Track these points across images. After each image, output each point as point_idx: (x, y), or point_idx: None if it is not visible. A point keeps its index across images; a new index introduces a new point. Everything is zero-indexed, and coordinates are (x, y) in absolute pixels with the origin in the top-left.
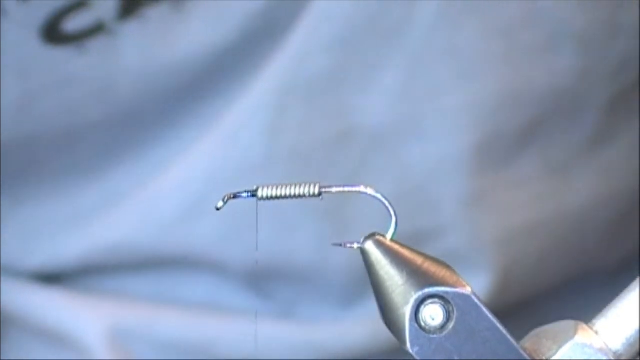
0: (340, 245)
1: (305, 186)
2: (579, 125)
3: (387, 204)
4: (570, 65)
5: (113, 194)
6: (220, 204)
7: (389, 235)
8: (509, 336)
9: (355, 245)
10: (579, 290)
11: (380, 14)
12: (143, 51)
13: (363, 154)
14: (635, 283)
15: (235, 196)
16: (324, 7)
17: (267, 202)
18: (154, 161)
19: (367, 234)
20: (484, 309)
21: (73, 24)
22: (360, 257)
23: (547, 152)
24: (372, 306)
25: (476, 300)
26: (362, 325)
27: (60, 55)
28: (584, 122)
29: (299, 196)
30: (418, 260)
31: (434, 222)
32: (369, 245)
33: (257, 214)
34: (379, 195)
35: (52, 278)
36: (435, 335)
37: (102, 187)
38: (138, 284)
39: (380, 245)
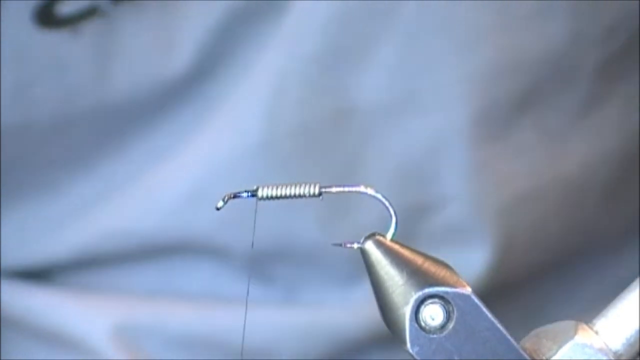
0: (340, 245)
1: (305, 186)
2: (572, 91)
3: (387, 204)
4: (563, 30)
5: (112, 182)
6: (220, 203)
7: (389, 235)
8: (509, 336)
9: (355, 245)
10: (581, 262)
11: None
12: (138, 35)
13: (363, 131)
14: (635, 283)
15: (235, 196)
16: None
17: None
18: (153, 148)
19: (367, 233)
20: (484, 309)
21: (67, 7)
22: (361, 239)
23: (542, 119)
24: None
25: (476, 300)
26: (366, 306)
27: (54, 39)
28: (577, 87)
29: (299, 196)
30: (418, 260)
31: (436, 195)
32: (369, 245)
33: (255, 213)
34: (379, 195)
35: (50, 271)
36: (435, 335)
37: (100, 175)
38: (139, 275)
39: (380, 245)
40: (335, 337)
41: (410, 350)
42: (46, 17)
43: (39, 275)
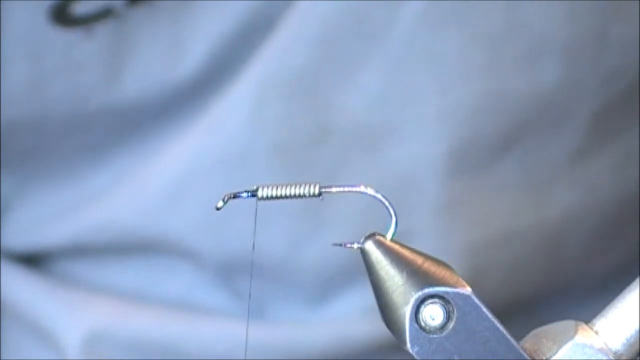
0: (341, 245)
1: (305, 186)
2: (562, 138)
3: (387, 203)
4: (554, 76)
5: (110, 179)
6: (220, 203)
7: (389, 235)
8: (509, 336)
9: (356, 246)
10: (556, 302)
11: (363, 15)
12: (151, 38)
13: (340, 152)
14: (635, 283)
15: (235, 196)
16: (309, 6)
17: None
18: (148, 147)
19: (367, 233)
20: (484, 309)
21: (82, 7)
22: (331, 257)
23: (526, 162)
24: (341, 307)
25: (476, 300)
26: (331, 327)
27: (69, 38)
28: (568, 134)
29: (299, 196)
30: (418, 260)
31: (407, 226)
32: (369, 245)
33: (256, 213)
34: (379, 195)
35: (39, 259)
36: (435, 335)
37: (101, 171)
38: (120, 271)
39: (380, 245)
40: (299, 355)
41: (411, 350)
42: (61, 16)
43: (31, 261)
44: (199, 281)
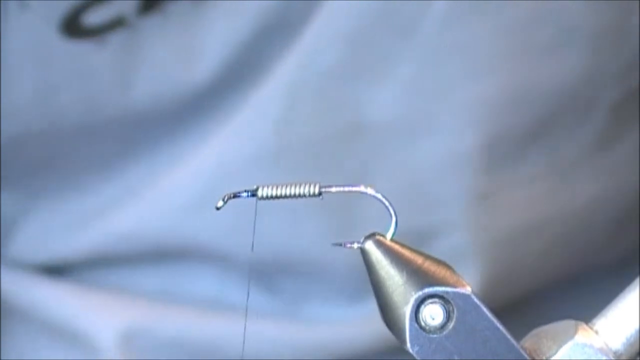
0: (341, 245)
1: (305, 186)
2: (587, 126)
3: (387, 203)
4: (579, 64)
5: (129, 187)
6: (220, 203)
7: (388, 235)
8: (509, 336)
9: (355, 245)
10: (578, 287)
11: (393, 10)
12: (162, 46)
13: (373, 148)
14: (635, 283)
15: (235, 196)
16: (338, 4)
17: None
18: (170, 154)
19: (368, 233)
20: (484, 309)
21: (93, 18)
22: None
23: (553, 151)
24: (376, 305)
25: (476, 300)
26: (366, 325)
27: (80, 49)
28: (592, 122)
29: (299, 196)
30: (418, 260)
31: (440, 219)
32: (369, 245)
33: (256, 213)
34: (379, 195)
35: (63, 270)
36: (435, 335)
37: (119, 179)
38: (146, 278)
39: (380, 245)
40: (334, 355)
41: (410, 350)
42: (72, 27)
43: (52, 272)
44: (231, 282)
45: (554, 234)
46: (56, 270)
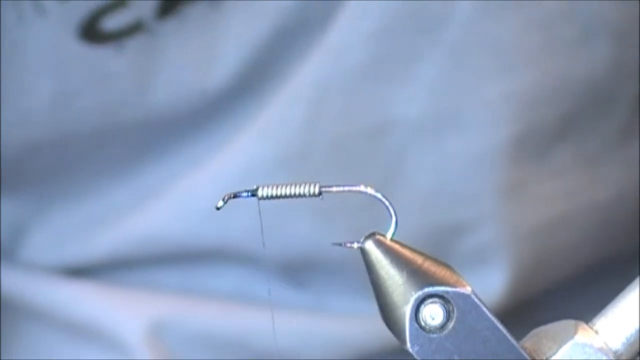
0: (341, 244)
1: (305, 186)
2: (610, 118)
3: (387, 203)
4: (605, 58)
5: (147, 190)
6: (220, 203)
7: (389, 235)
8: (509, 336)
9: (355, 245)
10: (605, 278)
11: (419, 8)
12: (181, 50)
13: (402, 146)
14: (635, 283)
15: (235, 196)
16: (362, 2)
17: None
18: (189, 157)
19: (367, 233)
20: (484, 309)
21: (112, 22)
22: None
23: (580, 144)
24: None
25: (476, 300)
26: None
27: (98, 54)
28: (614, 116)
29: (299, 195)
30: (418, 259)
31: (472, 214)
32: (369, 245)
33: (260, 213)
34: (379, 195)
35: (82, 272)
36: (435, 335)
37: (136, 183)
38: (168, 277)
39: (380, 244)
40: (361, 347)
41: (410, 350)
42: (91, 32)
43: (75, 273)
44: (258, 279)
45: (580, 227)
46: (75, 273)
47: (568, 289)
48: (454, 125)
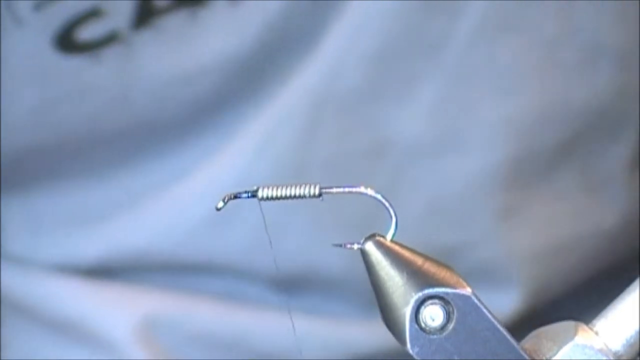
0: (341, 245)
1: (305, 187)
2: (618, 144)
3: (387, 204)
4: (608, 82)
5: (131, 198)
6: (220, 204)
7: (389, 236)
8: (509, 336)
9: (356, 246)
10: (601, 287)
11: (419, 28)
12: (159, 60)
13: (398, 166)
14: (635, 283)
15: (235, 196)
16: (360, 20)
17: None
18: (176, 167)
19: (368, 234)
20: (484, 310)
21: (87, 33)
22: None
23: (585, 168)
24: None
25: (476, 301)
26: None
27: (75, 64)
28: (623, 140)
29: (300, 197)
30: (418, 261)
31: (469, 236)
32: (369, 246)
33: (262, 214)
34: (378, 196)
35: (69, 272)
36: (435, 336)
37: (118, 190)
38: (160, 282)
39: (380, 246)
40: (357, 351)
41: (411, 351)
42: (67, 42)
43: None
44: (251, 289)
45: (583, 252)
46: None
47: (572, 303)
48: (451, 146)
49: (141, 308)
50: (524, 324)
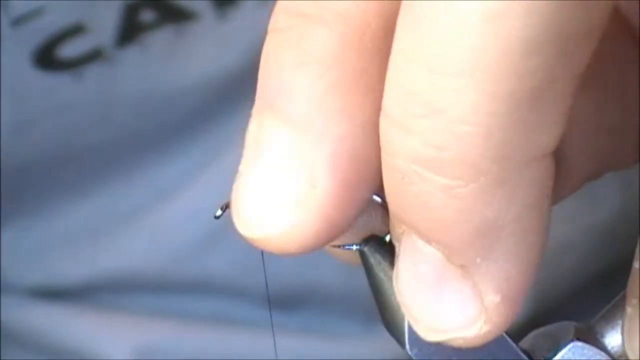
0: (339, 247)
1: None
2: None
3: (385, 205)
4: None
5: (115, 219)
6: (218, 212)
7: (388, 237)
8: (507, 337)
9: (354, 247)
10: (602, 288)
11: None
12: (143, 77)
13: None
14: None
15: None
16: None
17: None
18: (160, 186)
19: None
20: None
21: (69, 50)
22: None
23: None
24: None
25: None
26: (387, 342)
27: (55, 82)
28: None
29: None
30: None
31: None
32: (369, 247)
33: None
34: (376, 197)
35: (55, 295)
36: None
37: (100, 211)
38: (150, 304)
39: (379, 246)
40: None
41: (409, 352)
42: (46, 59)
43: (50, 296)
44: (238, 306)
45: (583, 250)
46: (50, 296)
47: (572, 303)
48: None
49: (136, 334)
50: (522, 325)
